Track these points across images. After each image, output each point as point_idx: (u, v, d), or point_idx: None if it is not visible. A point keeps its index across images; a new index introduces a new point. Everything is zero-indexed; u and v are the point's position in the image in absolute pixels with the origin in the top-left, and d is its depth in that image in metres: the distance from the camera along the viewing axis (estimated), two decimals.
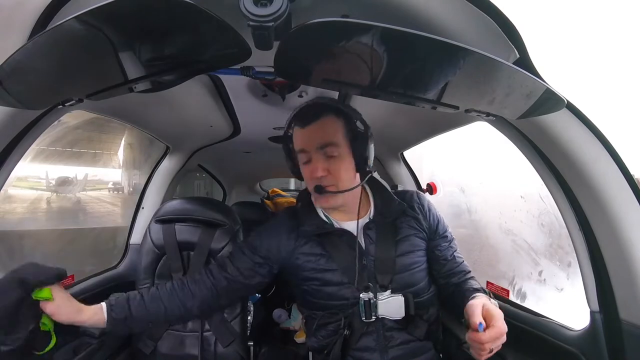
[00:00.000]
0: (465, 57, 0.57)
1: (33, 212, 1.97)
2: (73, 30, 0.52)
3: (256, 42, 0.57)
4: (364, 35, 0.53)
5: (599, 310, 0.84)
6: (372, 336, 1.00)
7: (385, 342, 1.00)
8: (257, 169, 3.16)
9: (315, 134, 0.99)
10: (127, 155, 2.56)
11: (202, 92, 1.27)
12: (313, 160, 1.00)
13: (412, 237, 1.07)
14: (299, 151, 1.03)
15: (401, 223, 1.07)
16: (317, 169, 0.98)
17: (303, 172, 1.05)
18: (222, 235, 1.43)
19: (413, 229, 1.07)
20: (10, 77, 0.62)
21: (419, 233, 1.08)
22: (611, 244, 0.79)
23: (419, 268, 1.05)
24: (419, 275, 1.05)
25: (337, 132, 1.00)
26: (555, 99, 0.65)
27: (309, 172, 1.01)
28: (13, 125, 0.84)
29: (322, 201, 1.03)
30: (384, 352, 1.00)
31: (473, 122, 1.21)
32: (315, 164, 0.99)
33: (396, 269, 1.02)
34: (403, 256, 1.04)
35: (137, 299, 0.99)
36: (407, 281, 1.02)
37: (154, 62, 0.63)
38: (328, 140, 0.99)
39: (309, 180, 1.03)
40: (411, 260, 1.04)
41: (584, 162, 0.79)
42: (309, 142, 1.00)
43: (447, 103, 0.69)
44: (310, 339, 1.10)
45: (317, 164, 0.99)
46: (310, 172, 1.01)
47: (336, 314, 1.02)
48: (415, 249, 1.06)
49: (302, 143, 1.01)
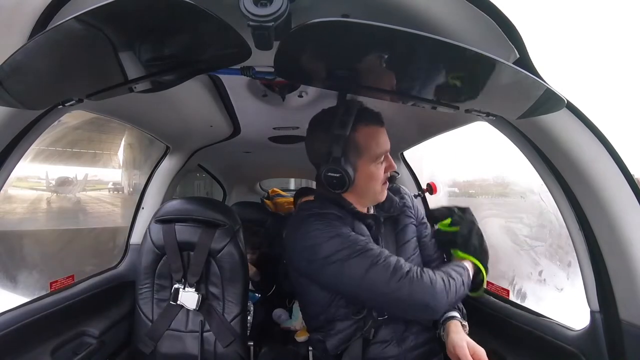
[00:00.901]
0: (465, 57, 0.57)
1: (33, 212, 1.96)
2: (73, 30, 0.52)
3: (256, 42, 0.57)
4: (364, 35, 0.53)
5: (599, 310, 0.84)
6: (387, 329, 1.01)
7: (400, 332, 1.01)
8: (257, 169, 3.16)
9: (387, 135, 1.03)
10: (127, 156, 2.56)
11: (202, 92, 1.27)
12: (388, 157, 1.02)
13: (410, 225, 1.12)
14: (382, 154, 1.00)
15: (399, 214, 1.12)
16: (394, 165, 1.03)
17: (377, 173, 1.01)
18: (222, 235, 1.43)
19: (409, 218, 1.13)
20: (10, 77, 0.62)
21: (413, 221, 1.14)
22: (611, 244, 0.79)
23: (417, 254, 1.10)
24: (417, 260, 1.09)
25: None
26: (555, 99, 0.65)
27: (383, 172, 1.02)
28: (13, 125, 0.84)
29: (384, 194, 1.06)
30: (400, 343, 1.01)
31: (473, 122, 1.22)
32: (391, 160, 1.03)
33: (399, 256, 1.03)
34: (405, 244, 1.08)
35: None
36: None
37: (154, 62, 0.63)
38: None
39: (383, 178, 1.03)
40: (412, 246, 1.09)
41: (584, 161, 0.79)
42: (388, 142, 1.02)
43: (447, 103, 0.69)
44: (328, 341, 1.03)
45: (392, 161, 1.03)
46: (386, 170, 1.02)
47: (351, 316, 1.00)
48: (413, 236, 1.11)
49: (385, 144, 1.01)
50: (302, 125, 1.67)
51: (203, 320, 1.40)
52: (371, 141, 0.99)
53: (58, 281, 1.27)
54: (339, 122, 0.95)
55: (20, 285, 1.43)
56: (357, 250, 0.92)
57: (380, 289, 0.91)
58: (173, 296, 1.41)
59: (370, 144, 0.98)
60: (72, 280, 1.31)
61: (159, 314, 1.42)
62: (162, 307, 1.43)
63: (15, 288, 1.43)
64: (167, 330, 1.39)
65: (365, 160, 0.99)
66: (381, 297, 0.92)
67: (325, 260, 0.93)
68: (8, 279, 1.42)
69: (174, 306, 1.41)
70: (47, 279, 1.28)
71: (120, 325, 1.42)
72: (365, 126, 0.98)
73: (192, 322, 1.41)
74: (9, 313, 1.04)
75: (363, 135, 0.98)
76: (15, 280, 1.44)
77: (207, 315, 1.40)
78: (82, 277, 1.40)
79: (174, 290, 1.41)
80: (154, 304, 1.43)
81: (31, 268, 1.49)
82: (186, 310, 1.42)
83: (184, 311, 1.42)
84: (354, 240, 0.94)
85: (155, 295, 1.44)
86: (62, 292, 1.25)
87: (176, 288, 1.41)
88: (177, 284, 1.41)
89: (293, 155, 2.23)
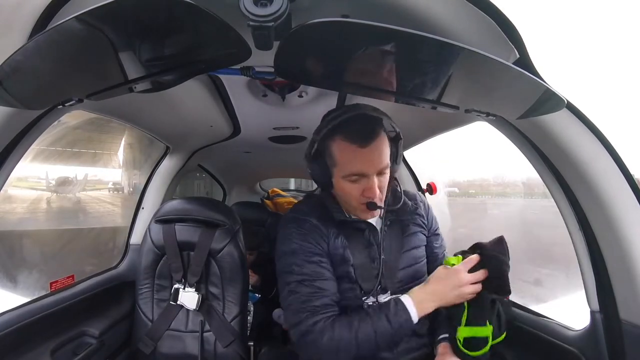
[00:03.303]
0: (465, 57, 0.57)
1: (33, 212, 1.97)
2: (73, 30, 0.52)
3: (256, 42, 0.57)
4: (364, 35, 0.53)
5: (599, 310, 0.84)
6: None
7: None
8: (257, 169, 3.16)
9: (376, 156, 0.92)
10: (127, 155, 2.56)
11: (202, 92, 1.27)
12: (370, 182, 0.93)
13: (418, 233, 1.10)
14: (352, 174, 0.93)
15: (408, 220, 1.09)
16: (375, 191, 0.93)
17: (348, 189, 0.95)
18: (222, 235, 1.43)
19: (418, 226, 1.10)
20: (10, 77, 0.62)
21: (423, 230, 1.11)
22: (611, 244, 0.79)
23: (422, 263, 1.08)
24: (422, 269, 1.07)
25: (388, 150, 0.95)
26: (555, 99, 0.65)
27: (358, 192, 0.94)
28: (13, 125, 0.84)
29: (368, 214, 1.00)
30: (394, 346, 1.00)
31: (473, 122, 1.21)
32: (372, 186, 0.93)
33: (401, 264, 1.03)
34: (409, 251, 1.06)
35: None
36: (412, 275, 1.04)
37: (154, 62, 0.63)
38: (386, 164, 0.94)
39: (358, 198, 0.95)
40: (416, 254, 1.07)
41: (584, 161, 0.79)
42: (370, 166, 0.92)
43: (447, 103, 0.69)
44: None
45: (374, 186, 0.92)
46: (362, 191, 0.94)
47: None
48: (420, 244, 1.09)
49: (362, 166, 0.92)
50: (302, 125, 1.67)
51: (203, 320, 1.40)
52: (342, 157, 0.93)
53: (58, 281, 1.27)
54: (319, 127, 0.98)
55: (20, 286, 1.43)
56: (289, 270, 0.96)
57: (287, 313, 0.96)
58: (173, 296, 1.41)
59: (340, 159, 0.94)
60: (72, 280, 1.31)
61: (159, 314, 1.42)
62: (162, 307, 1.43)
63: (15, 288, 1.43)
64: (167, 331, 1.39)
65: (337, 172, 0.96)
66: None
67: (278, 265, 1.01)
68: (8, 279, 1.42)
69: (174, 306, 1.41)
70: (47, 279, 1.28)
71: (120, 325, 1.42)
72: (342, 140, 0.92)
73: (192, 322, 1.41)
74: (9, 313, 1.04)
75: (337, 147, 0.94)
76: (15, 281, 1.44)
77: (207, 315, 1.40)
78: (82, 277, 1.41)
79: (174, 290, 1.42)
80: (154, 304, 1.43)
81: (31, 268, 1.49)
82: (186, 310, 1.42)
83: (184, 311, 1.42)
84: (300, 256, 0.96)
85: (155, 295, 1.44)
86: (62, 292, 1.25)
87: (176, 288, 1.41)
88: (177, 284, 1.42)
89: (293, 155, 2.23)
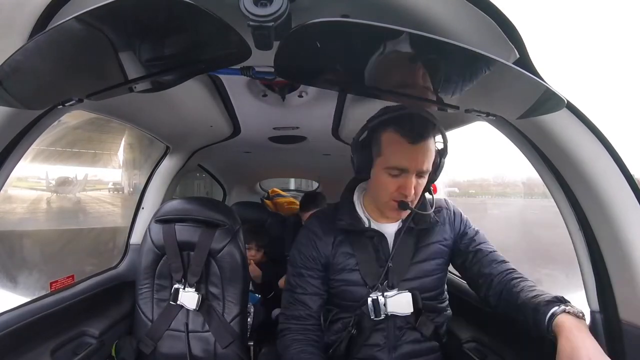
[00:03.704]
0: (465, 57, 0.57)
1: (33, 212, 1.97)
2: (73, 30, 0.52)
3: (256, 42, 0.57)
4: (364, 35, 0.53)
5: (599, 310, 0.84)
6: (383, 333, 1.03)
7: (394, 340, 1.02)
8: (257, 169, 3.16)
9: (421, 156, 0.93)
10: (127, 155, 2.56)
11: (202, 92, 1.27)
12: (409, 180, 0.94)
13: (436, 244, 1.07)
14: (394, 167, 0.94)
15: (427, 231, 1.07)
16: (411, 190, 0.94)
17: (386, 182, 0.96)
18: (222, 235, 1.43)
19: (438, 236, 1.07)
20: (10, 77, 0.62)
21: (443, 241, 1.07)
22: (611, 244, 0.79)
23: (435, 276, 1.06)
24: (434, 282, 1.06)
25: (433, 156, 0.96)
26: (555, 99, 0.65)
27: (394, 187, 0.95)
28: (13, 125, 0.84)
29: (396, 214, 1.00)
30: (392, 350, 1.02)
31: (473, 122, 1.22)
32: (409, 184, 0.94)
33: (410, 273, 1.03)
34: (421, 263, 1.05)
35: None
36: (421, 287, 1.03)
37: (154, 62, 0.63)
38: (428, 167, 0.95)
39: (391, 193, 0.96)
40: (429, 267, 1.05)
41: (583, 161, 0.79)
42: (413, 163, 0.93)
43: (447, 103, 0.69)
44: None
45: (411, 184, 0.94)
46: (398, 187, 0.95)
47: (347, 312, 1.04)
48: (436, 256, 1.06)
49: (406, 162, 0.93)
50: (302, 125, 1.68)
51: (203, 320, 1.40)
52: (390, 148, 0.95)
53: (58, 281, 1.27)
54: (374, 115, 1.00)
55: (21, 286, 1.43)
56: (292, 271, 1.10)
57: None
58: (173, 296, 1.41)
59: (387, 150, 0.95)
60: (72, 280, 1.31)
61: (159, 314, 1.42)
62: (162, 307, 1.43)
63: (15, 288, 1.43)
64: (167, 330, 1.39)
65: (380, 162, 0.97)
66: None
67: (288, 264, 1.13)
68: (8, 279, 1.42)
69: (174, 306, 1.41)
70: (47, 279, 1.28)
71: (120, 325, 1.42)
72: (394, 132, 0.93)
73: (192, 322, 1.41)
74: (9, 313, 1.04)
75: (387, 138, 0.95)
76: (15, 281, 1.44)
77: (207, 316, 1.40)
78: (82, 277, 1.41)
79: (174, 290, 1.41)
80: (154, 304, 1.43)
81: (31, 268, 1.49)
82: (186, 311, 1.42)
83: (184, 311, 1.42)
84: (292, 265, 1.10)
85: (155, 295, 1.44)
86: (62, 292, 1.26)
87: (176, 288, 1.41)
88: (177, 284, 1.41)
89: (293, 155, 2.23)
